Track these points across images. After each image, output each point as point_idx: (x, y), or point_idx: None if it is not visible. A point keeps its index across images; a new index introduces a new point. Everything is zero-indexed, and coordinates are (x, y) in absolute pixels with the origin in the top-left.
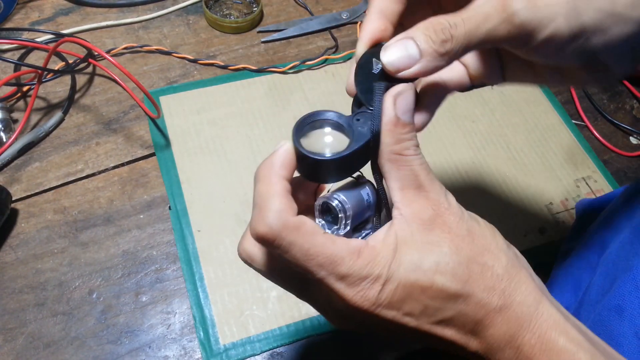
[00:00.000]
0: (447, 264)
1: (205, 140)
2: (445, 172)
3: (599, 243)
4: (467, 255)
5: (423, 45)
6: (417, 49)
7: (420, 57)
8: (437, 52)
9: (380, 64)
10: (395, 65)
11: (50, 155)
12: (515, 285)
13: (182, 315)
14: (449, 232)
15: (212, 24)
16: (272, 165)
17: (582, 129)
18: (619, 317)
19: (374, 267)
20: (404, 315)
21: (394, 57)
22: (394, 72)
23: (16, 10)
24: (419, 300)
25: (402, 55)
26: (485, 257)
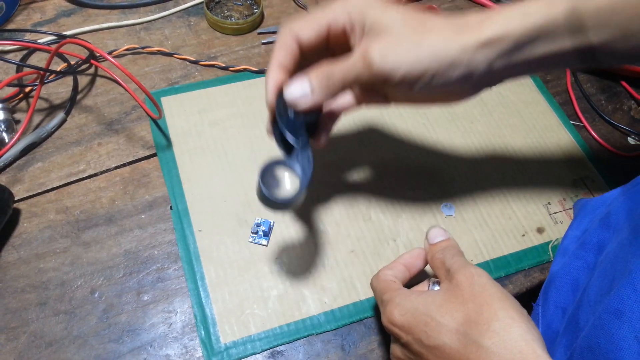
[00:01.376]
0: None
1: (206, 140)
2: (444, 172)
3: (596, 243)
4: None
5: (313, 84)
6: (309, 87)
7: (312, 93)
8: (322, 90)
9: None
10: (294, 99)
11: (53, 155)
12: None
13: (183, 314)
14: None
15: (213, 26)
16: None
17: (580, 129)
18: (619, 321)
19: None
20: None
21: (294, 92)
22: (294, 104)
23: (18, 12)
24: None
25: (299, 91)
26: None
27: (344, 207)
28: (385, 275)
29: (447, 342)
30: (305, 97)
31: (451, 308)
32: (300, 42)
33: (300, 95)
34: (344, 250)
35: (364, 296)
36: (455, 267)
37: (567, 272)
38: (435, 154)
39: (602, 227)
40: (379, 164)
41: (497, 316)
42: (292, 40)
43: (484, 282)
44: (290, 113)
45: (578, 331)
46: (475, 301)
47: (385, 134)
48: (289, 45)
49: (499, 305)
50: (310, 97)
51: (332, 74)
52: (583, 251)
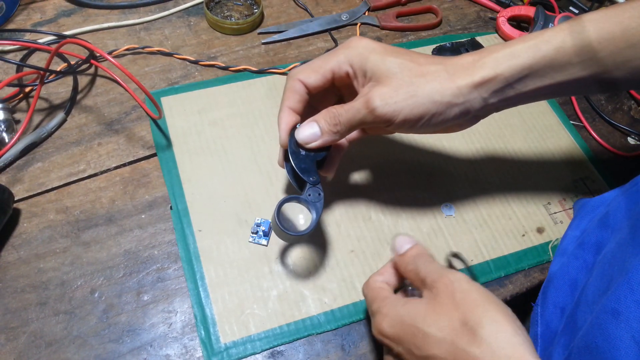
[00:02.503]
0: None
1: (206, 140)
2: (444, 172)
3: (595, 243)
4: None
5: (322, 126)
6: (319, 129)
7: (321, 134)
8: (331, 131)
9: None
10: (305, 140)
11: (53, 155)
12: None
13: (183, 314)
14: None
15: (213, 26)
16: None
17: (580, 129)
18: (616, 321)
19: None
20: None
21: (304, 135)
22: (304, 144)
23: (18, 12)
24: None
25: (309, 134)
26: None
27: (344, 207)
28: (375, 282)
29: (437, 353)
30: (315, 138)
31: (436, 319)
32: (307, 87)
33: (310, 136)
34: (344, 250)
35: (364, 296)
36: (433, 277)
37: (566, 272)
38: (435, 154)
39: (600, 227)
40: (379, 164)
41: (482, 323)
42: (300, 85)
43: (464, 289)
44: (301, 151)
45: (576, 331)
46: (458, 309)
47: (385, 135)
48: (297, 89)
49: (482, 310)
50: (319, 138)
51: (339, 118)
52: (582, 251)
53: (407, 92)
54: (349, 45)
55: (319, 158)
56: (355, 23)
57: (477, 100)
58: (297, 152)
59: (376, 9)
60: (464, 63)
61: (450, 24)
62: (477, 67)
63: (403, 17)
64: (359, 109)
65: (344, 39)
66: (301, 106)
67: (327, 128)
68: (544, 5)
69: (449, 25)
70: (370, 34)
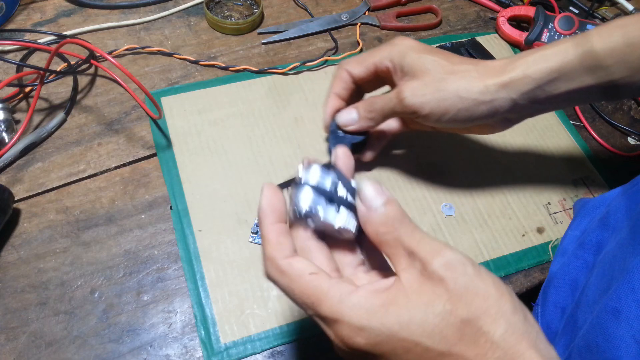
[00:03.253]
0: (435, 325)
1: (206, 140)
2: (444, 172)
3: (595, 243)
4: (462, 316)
5: (360, 112)
6: (357, 115)
7: (358, 119)
8: (366, 117)
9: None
10: (343, 123)
11: (53, 155)
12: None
13: (183, 314)
14: (446, 291)
15: (213, 26)
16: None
17: (580, 129)
18: (616, 320)
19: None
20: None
21: (343, 119)
22: (343, 126)
23: (18, 12)
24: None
25: (348, 118)
26: (482, 321)
27: None
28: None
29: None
30: (352, 122)
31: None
32: (353, 76)
33: (348, 120)
34: None
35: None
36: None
37: (566, 272)
38: (435, 154)
39: (601, 227)
40: (379, 163)
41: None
42: (346, 75)
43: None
44: (339, 132)
45: (576, 330)
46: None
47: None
48: (344, 78)
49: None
50: (356, 122)
51: (373, 106)
52: (582, 251)
53: (436, 87)
54: (392, 43)
55: (355, 141)
56: (355, 23)
57: (505, 100)
58: (336, 133)
59: (376, 9)
60: (496, 65)
61: (450, 24)
62: (508, 69)
63: (403, 17)
64: (391, 99)
65: (344, 39)
66: (346, 93)
67: (363, 114)
68: (544, 5)
69: (449, 25)
70: (370, 34)
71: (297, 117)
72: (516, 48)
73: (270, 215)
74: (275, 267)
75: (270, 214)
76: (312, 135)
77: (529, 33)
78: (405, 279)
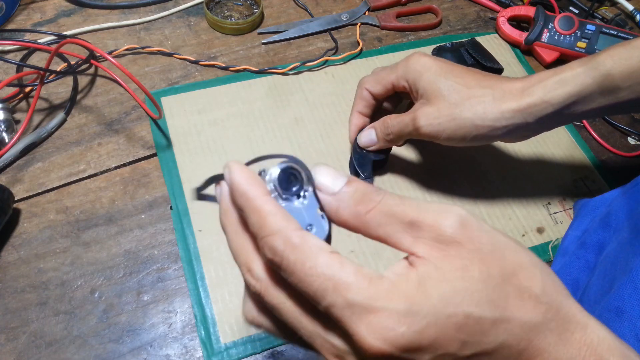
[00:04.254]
0: (480, 290)
1: (206, 140)
2: (444, 172)
3: (597, 243)
4: (500, 275)
5: (378, 134)
6: (375, 136)
7: (377, 140)
8: (384, 139)
9: None
10: (364, 144)
11: (53, 155)
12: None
13: (184, 314)
14: (474, 252)
15: (213, 26)
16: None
17: (580, 129)
18: (619, 319)
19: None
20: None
21: (364, 140)
22: (364, 147)
23: (18, 12)
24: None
25: (368, 140)
26: (520, 276)
27: None
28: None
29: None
30: (373, 143)
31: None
32: (373, 95)
33: (368, 141)
34: (344, 250)
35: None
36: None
37: (568, 272)
38: (434, 154)
39: (602, 227)
40: None
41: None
42: (367, 93)
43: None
44: (362, 151)
45: None
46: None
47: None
48: (365, 97)
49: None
50: (376, 143)
51: (390, 129)
52: (583, 251)
53: (451, 114)
54: (408, 62)
55: (376, 158)
56: (355, 23)
57: (521, 124)
58: (359, 150)
59: (376, 9)
60: (513, 89)
61: (450, 24)
62: (525, 94)
63: (403, 17)
64: (407, 123)
65: (344, 39)
66: (368, 110)
67: (381, 136)
68: (544, 5)
69: (449, 25)
70: (370, 34)
71: (297, 117)
72: (516, 48)
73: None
74: (284, 240)
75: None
76: (312, 135)
77: (529, 33)
78: (424, 251)
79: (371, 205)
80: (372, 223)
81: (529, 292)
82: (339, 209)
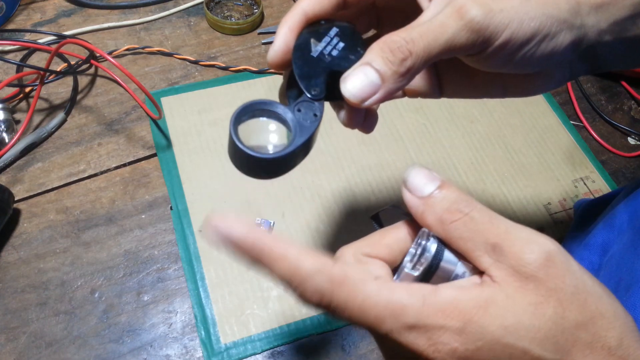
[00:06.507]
0: (547, 330)
1: (206, 140)
2: (443, 172)
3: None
4: (576, 320)
5: (383, 68)
6: (377, 74)
7: (382, 82)
8: (397, 73)
9: (318, 46)
10: (359, 96)
11: (53, 155)
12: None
13: (184, 315)
14: (554, 291)
15: (213, 26)
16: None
17: (580, 129)
18: None
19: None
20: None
21: (356, 87)
22: (358, 103)
23: (18, 12)
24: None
25: (364, 85)
26: (598, 325)
27: (344, 207)
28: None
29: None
30: (374, 89)
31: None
32: None
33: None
34: None
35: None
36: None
37: None
38: (435, 154)
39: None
40: (379, 163)
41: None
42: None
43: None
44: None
45: None
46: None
47: (386, 134)
48: None
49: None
50: (380, 87)
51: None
52: (587, 252)
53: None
54: None
55: (336, 68)
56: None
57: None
58: (304, 51)
59: None
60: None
61: None
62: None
63: None
64: (444, 23)
65: None
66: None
67: (391, 68)
68: None
69: None
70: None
71: None
72: None
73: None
74: (327, 279)
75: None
76: None
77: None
78: (499, 276)
79: (458, 216)
80: (455, 234)
81: (603, 343)
82: (424, 213)
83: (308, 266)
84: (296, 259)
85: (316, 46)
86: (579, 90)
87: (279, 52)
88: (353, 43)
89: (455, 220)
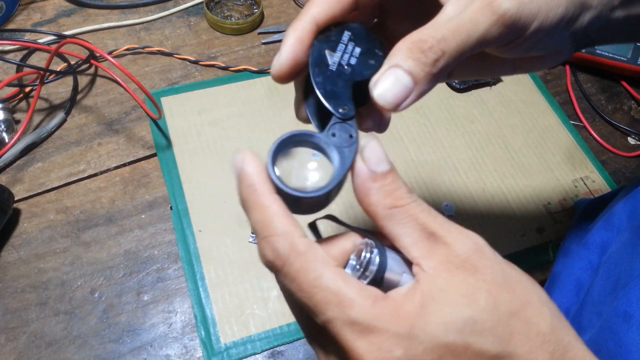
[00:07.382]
0: (485, 321)
1: (206, 140)
2: (444, 172)
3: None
4: (508, 309)
5: (415, 70)
6: (409, 77)
7: (415, 84)
8: (430, 74)
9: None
10: (392, 102)
11: (53, 155)
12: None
13: (184, 315)
14: (484, 280)
15: (213, 26)
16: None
17: (580, 129)
18: (627, 324)
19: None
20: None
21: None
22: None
23: (18, 12)
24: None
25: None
26: (529, 312)
27: (344, 207)
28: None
29: None
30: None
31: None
32: None
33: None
34: None
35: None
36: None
37: (570, 273)
38: (435, 154)
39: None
40: None
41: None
42: None
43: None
44: (330, 65)
45: (581, 331)
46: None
47: (385, 134)
48: None
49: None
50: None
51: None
52: (586, 251)
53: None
54: None
55: (359, 78)
56: None
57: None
58: (322, 66)
59: None
60: None
61: None
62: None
63: None
64: (475, 19)
65: None
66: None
67: (423, 69)
68: None
69: None
70: None
71: None
72: None
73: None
74: (290, 244)
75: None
76: None
77: None
78: (431, 268)
79: (401, 202)
80: (394, 219)
81: (537, 330)
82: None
83: (277, 225)
84: (272, 215)
85: (332, 57)
86: (579, 90)
87: (285, 66)
88: (369, 45)
89: (398, 206)
